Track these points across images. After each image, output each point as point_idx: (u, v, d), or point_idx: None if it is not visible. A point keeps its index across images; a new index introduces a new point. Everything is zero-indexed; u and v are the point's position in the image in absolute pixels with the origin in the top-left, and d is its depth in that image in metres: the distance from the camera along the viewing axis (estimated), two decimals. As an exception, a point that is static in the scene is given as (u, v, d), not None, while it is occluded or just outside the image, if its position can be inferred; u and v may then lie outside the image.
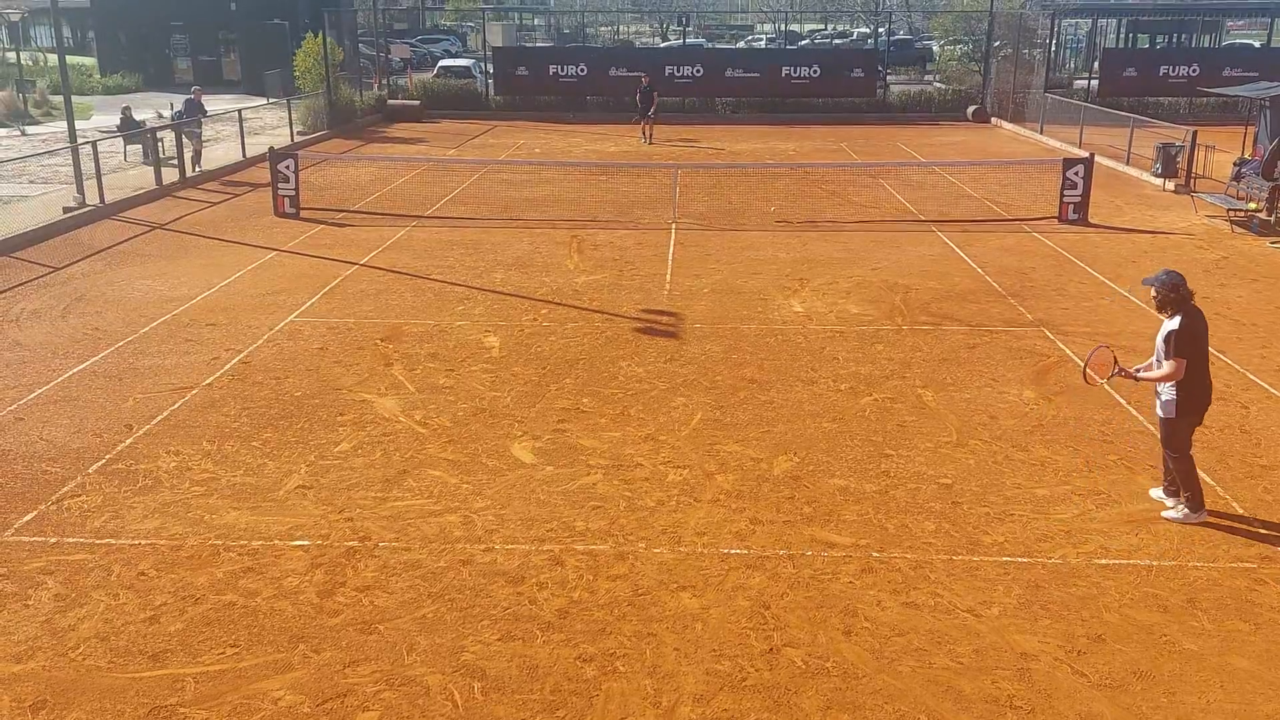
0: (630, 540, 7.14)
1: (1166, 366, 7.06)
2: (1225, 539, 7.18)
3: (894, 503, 7.69)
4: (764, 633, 6.11)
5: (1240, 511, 7.56)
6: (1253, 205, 17.20)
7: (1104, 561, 6.88)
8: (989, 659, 5.88)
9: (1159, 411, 7.32)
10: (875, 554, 6.97)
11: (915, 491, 7.86)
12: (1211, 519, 7.42)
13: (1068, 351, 10.97)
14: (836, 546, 7.07)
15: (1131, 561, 6.89)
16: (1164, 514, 7.44)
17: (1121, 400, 9.62)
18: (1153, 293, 7.22)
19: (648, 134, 28.08)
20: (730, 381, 10.11)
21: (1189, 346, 7.02)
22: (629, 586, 6.58)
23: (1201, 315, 7.19)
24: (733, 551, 7.00)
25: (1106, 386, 8.59)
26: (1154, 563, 6.87)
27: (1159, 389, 7.30)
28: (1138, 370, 7.33)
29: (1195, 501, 7.35)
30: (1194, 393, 7.13)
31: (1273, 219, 16.84)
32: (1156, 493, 7.70)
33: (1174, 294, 7.07)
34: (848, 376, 10.26)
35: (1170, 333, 7.03)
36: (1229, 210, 17.37)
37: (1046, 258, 15.11)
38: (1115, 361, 7.38)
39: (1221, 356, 10.83)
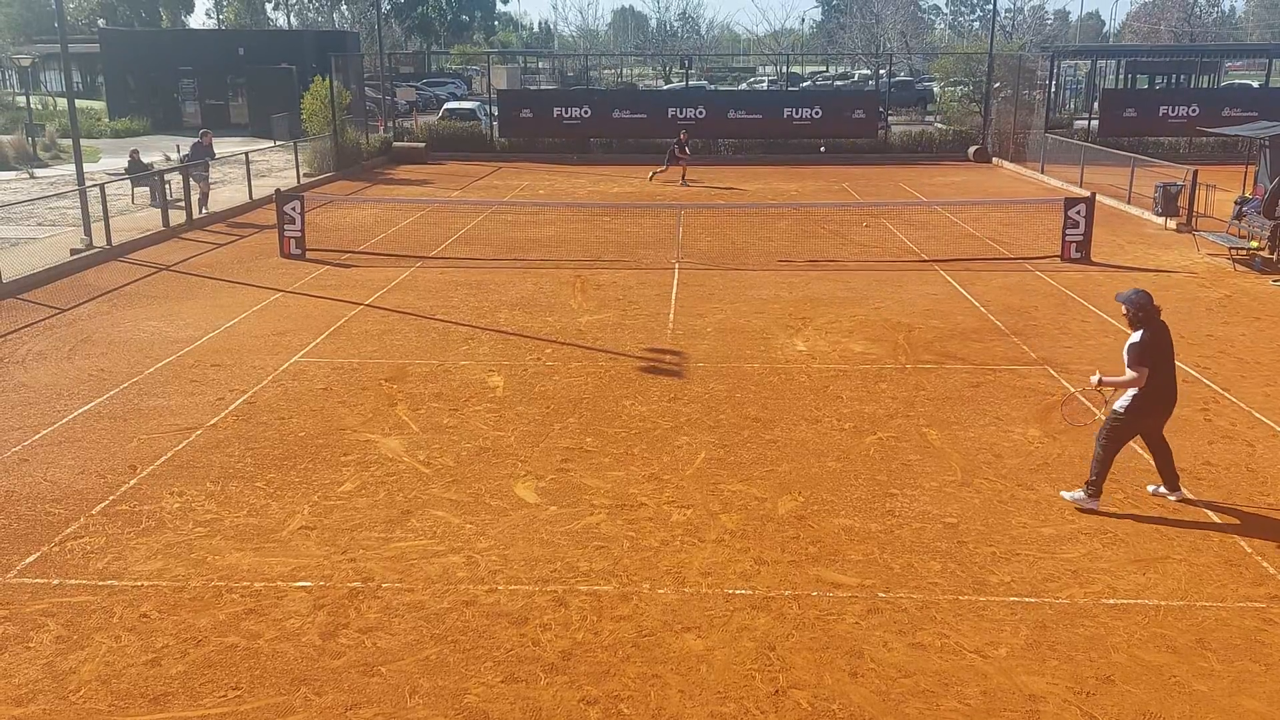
0: (634, 581, 7.10)
1: (1129, 375, 7.75)
2: (1234, 578, 7.13)
3: (899, 542, 7.65)
4: (769, 674, 6.06)
5: (1248, 550, 7.52)
6: (1254, 244, 17.25)
7: (1112, 601, 6.83)
8: (997, 701, 5.82)
9: (1115, 406, 7.97)
10: (881, 594, 6.93)
11: (920, 531, 7.83)
12: (1219, 558, 7.37)
13: (1072, 390, 10.95)
14: (842, 587, 7.03)
15: (1139, 601, 6.84)
16: (1063, 493, 8.28)
17: (1126, 439, 9.59)
18: (1123, 310, 7.97)
19: (677, 174, 28.40)
20: (734, 420, 10.10)
21: (1150, 358, 7.73)
22: (633, 628, 6.54)
23: (1165, 330, 7.93)
24: (737, 592, 6.96)
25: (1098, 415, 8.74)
26: (1162, 603, 6.82)
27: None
28: (1101, 379, 8.00)
29: (1097, 489, 8.08)
30: (1151, 397, 7.83)
31: (1275, 257, 16.88)
32: (1069, 494, 8.25)
33: (1141, 312, 7.82)
34: (851, 415, 10.25)
35: (1132, 345, 7.78)
36: (1231, 249, 17.41)
37: (1049, 296, 15.14)
38: (1097, 384, 8.00)
39: (1225, 395, 10.82)
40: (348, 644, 6.38)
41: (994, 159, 33.29)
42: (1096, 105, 37.02)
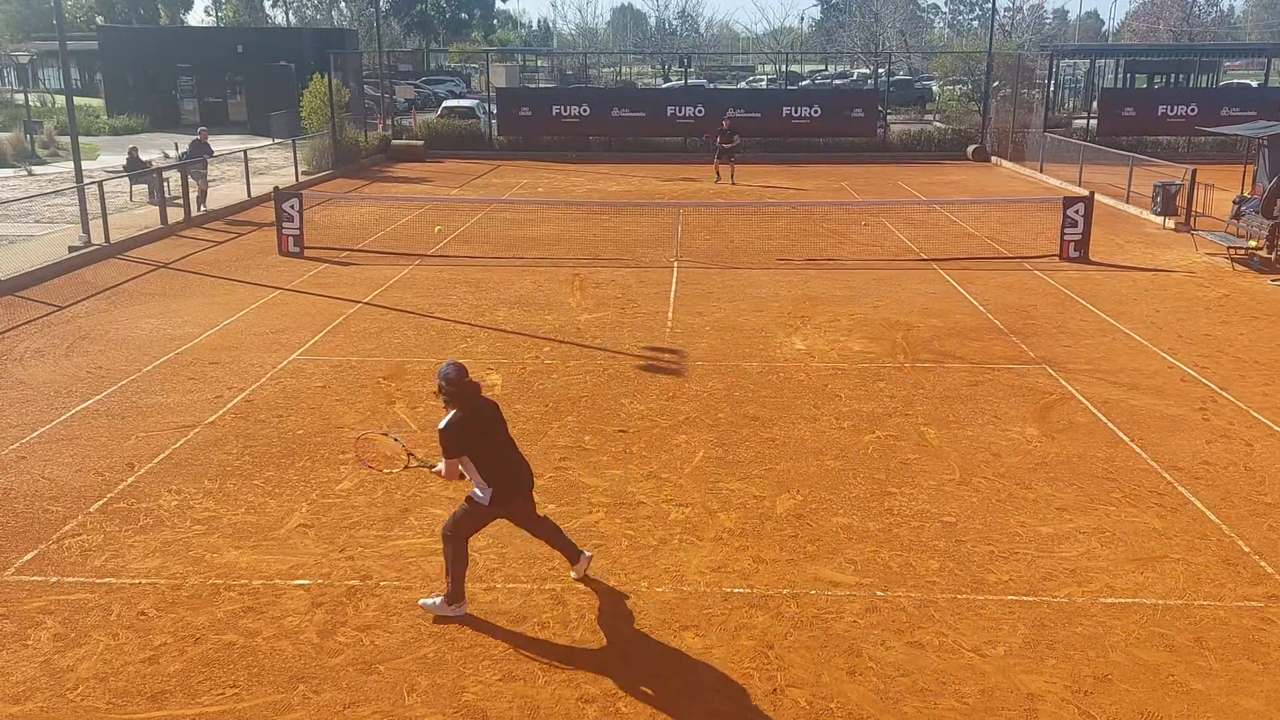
0: (632, 579, 7.10)
1: (440, 466, 6.48)
2: (1232, 577, 7.14)
3: (897, 541, 7.65)
4: (767, 673, 6.06)
5: (1246, 550, 7.52)
6: (1253, 243, 17.26)
7: (1110, 600, 6.84)
8: (995, 700, 5.82)
9: (469, 494, 6.63)
10: (879, 593, 6.93)
11: (919, 530, 7.83)
12: (1217, 557, 7.38)
13: (1070, 389, 10.96)
14: (840, 585, 7.03)
15: (1137, 600, 6.84)
16: (421, 601, 6.75)
17: (1125, 438, 9.60)
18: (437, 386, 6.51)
19: (725, 174, 27.56)
20: (732, 419, 10.10)
21: (462, 445, 6.37)
22: (631, 626, 6.54)
23: (490, 408, 6.60)
24: (736, 590, 6.96)
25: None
26: (1160, 602, 6.83)
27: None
28: (437, 465, 6.60)
29: (457, 593, 6.66)
30: (501, 486, 6.52)
31: (1273, 256, 16.89)
32: (427, 601, 6.74)
33: (452, 387, 6.36)
34: (850, 414, 10.25)
35: (440, 429, 6.38)
36: (1229, 248, 17.42)
37: (1048, 295, 15.15)
38: (408, 454, 6.94)
39: (1223, 394, 10.83)
40: (346, 642, 6.38)
41: (993, 158, 33.29)
42: (1095, 104, 37.06)
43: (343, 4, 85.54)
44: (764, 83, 61.10)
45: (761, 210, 23.02)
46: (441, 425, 6.38)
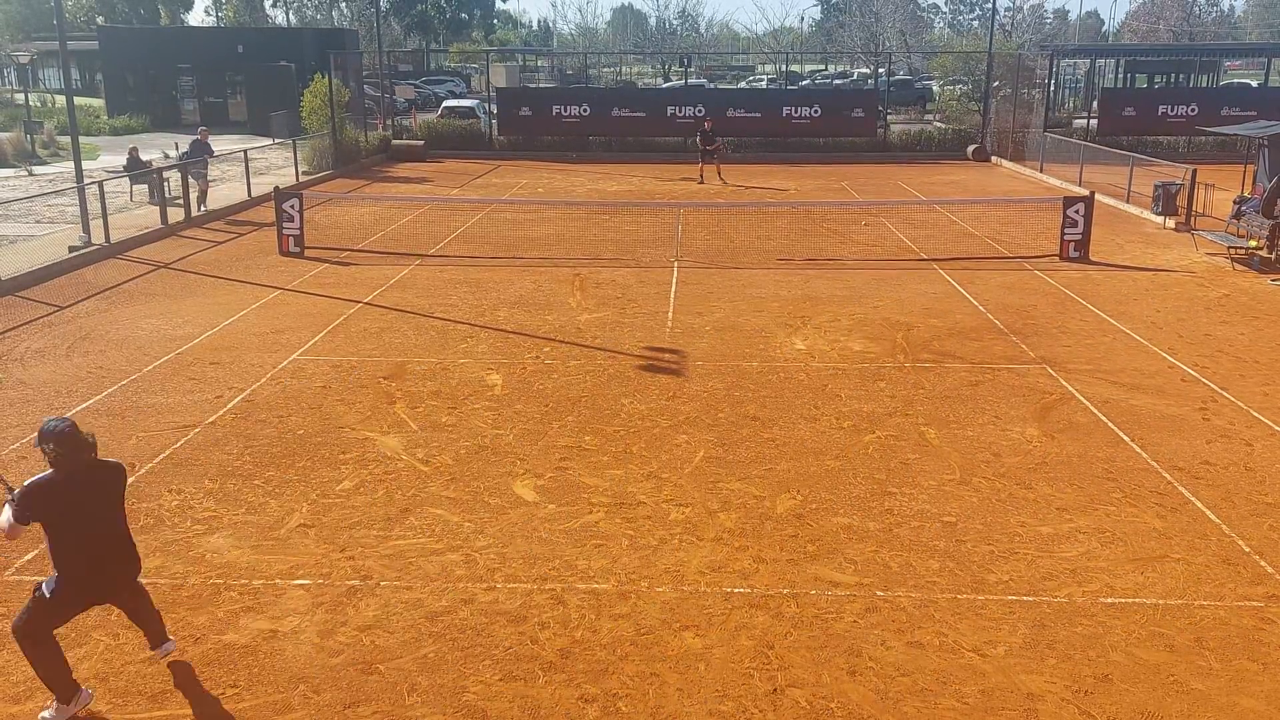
0: (633, 579, 7.10)
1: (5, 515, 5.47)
2: (1232, 577, 7.14)
3: (898, 541, 7.65)
4: (768, 673, 6.06)
5: (1246, 549, 7.52)
6: (1253, 243, 17.27)
7: (1110, 600, 6.84)
8: (995, 700, 5.82)
9: (43, 582, 5.66)
10: (879, 593, 6.93)
11: (919, 530, 7.83)
12: (1217, 557, 7.38)
13: (1070, 389, 10.97)
14: (840, 585, 7.03)
15: (1138, 600, 6.84)
16: (42, 714, 5.65)
17: (1125, 438, 9.60)
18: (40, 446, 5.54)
19: (707, 175, 27.77)
20: (732, 419, 10.10)
21: (38, 512, 5.42)
22: (631, 626, 6.54)
23: (104, 475, 5.68)
24: (736, 590, 6.96)
25: None
26: (1160, 601, 6.83)
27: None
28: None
29: (66, 691, 5.64)
30: (70, 572, 5.56)
31: (1273, 256, 16.90)
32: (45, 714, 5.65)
33: (57, 447, 5.46)
34: (850, 414, 10.25)
35: (24, 486, 5.49)
36: (1229, 248, 17.42)
37: (1048, 295, 15.15)
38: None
39: (1224, 394, 10.83)
40: (346, 642, 6.38)
41: (993, 158, 33.29)
42: (1095, 104, 37.06)
43: (343, 4, 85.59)
44: (764, 83, 61.09)
45: (761, 210, 23.02)
46: (29, 481, 5.49)
